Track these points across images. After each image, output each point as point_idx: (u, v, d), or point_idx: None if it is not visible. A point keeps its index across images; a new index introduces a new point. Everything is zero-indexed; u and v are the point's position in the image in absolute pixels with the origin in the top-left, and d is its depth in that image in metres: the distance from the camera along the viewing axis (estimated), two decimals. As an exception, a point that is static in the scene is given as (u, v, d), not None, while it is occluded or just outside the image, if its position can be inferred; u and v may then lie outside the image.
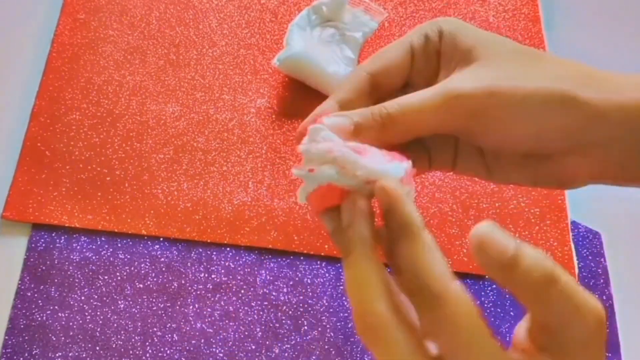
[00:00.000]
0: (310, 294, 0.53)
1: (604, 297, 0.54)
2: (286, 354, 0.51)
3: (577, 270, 0.55)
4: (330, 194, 0.28)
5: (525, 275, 0.24)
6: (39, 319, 0.51)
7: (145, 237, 0.54)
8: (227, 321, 0.52)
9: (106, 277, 0.52)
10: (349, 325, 0.52)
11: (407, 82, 0.34)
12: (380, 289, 0.26)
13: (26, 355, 0.49)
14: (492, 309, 0.53)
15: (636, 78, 0.31)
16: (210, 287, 0.53)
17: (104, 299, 0.52)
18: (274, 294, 0.53)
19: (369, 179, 0.28)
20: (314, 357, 0.51)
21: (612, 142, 0.30)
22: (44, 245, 0.53)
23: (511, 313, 0.53)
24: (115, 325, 0.51)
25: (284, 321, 0.52)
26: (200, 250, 0.54)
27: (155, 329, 0.51)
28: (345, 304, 0.53)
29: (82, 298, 0.52)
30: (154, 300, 0.52)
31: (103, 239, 0.54)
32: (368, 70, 0.33)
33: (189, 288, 0.53)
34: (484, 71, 0.31)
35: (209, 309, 0.52)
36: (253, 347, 0.51)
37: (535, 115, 0.30)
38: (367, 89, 0.33)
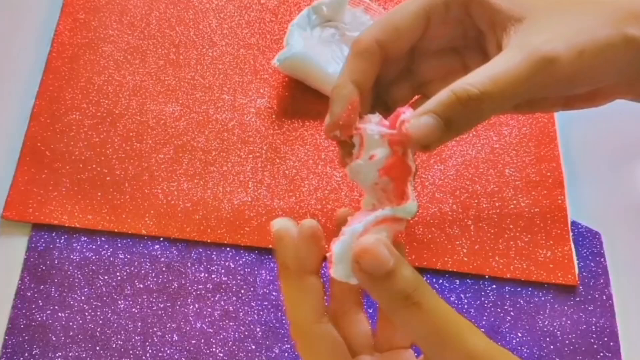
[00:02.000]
0: (310, 294, 0.53)
1: (604, 297, 0.54)
2: (286, 354, 0.51)
3: (577, 270, 0.55)
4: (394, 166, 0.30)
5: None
6: (39, 319, 0.51)
7: (145, 237, 0.54)
8: (227, 321, 0.52)
9: (106, 277, 0.52)
10: (349, 325, 0.52)
11: (414, 48, 0.33)
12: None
13: (26, 355, 0.49)
14: (492, 308, 0.53)
15: None
16: (210, 287, 0.53)
17: (104, 299, 0.52)
18: (274, 294, 0.53)
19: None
20: (314, 357, 0.51)
21: None
22: (44, 245, 0.53)
23: (511, 313, 0.53)
24: (115, 325, 0.51)
25: (284, 321, 0.52)
26: (200, 250, 0.54)
27: (155, 329, 0.51)
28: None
29: (82, 298, 0.52)
30: (154, 300, 0.52)
31: (103, 239, 0.54)
32: (378, 38, 0.31)
33: (189, 288, 0.53)
34: (554, 27, 0.28)
35: (209, 309, 0.52)
36: (253, 347, 0.51)
37: (611, 64, 0.29)
38: (378, 60, 0.31)
